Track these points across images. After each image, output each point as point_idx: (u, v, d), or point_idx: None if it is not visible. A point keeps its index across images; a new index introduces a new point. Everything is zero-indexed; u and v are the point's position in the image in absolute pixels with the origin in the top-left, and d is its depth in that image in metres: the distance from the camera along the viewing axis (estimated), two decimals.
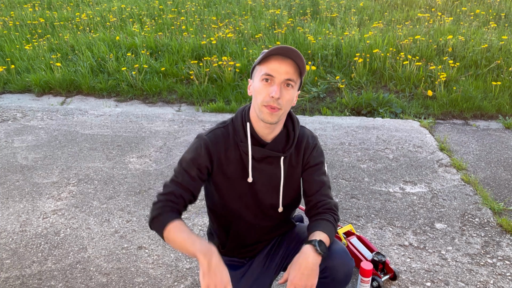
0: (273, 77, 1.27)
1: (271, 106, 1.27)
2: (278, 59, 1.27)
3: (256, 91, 1.31)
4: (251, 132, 1.38)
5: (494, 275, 1.99)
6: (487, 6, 7.27)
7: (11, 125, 3.79)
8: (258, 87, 1.30)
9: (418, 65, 4.65)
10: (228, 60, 4.83)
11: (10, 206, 2.58)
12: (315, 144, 1.47)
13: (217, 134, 1.40)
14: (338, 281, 1.38)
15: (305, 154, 1.45)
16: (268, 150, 1.38)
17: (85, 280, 1.98)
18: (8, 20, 7.32)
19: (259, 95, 1.29)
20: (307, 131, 1.48)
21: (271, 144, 1.39)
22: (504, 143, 3.40)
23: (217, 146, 1.39)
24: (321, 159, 1.48)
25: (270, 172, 1.42)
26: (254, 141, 1.38)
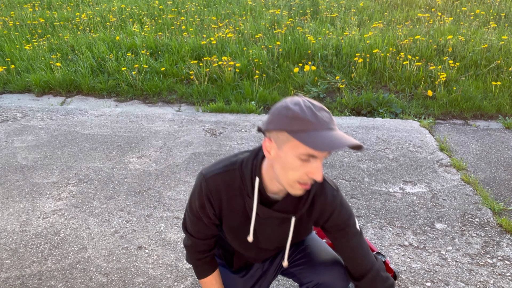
0: (316, 157, 1.05)
1: (307, 183, 1.09)
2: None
3: (289, 167, 1.07)
4: (259, 188, 1.20)
5: (494, 275, 1.99)
6: (487, 6, 7.27)
7: (11, 125, 3.79)
8: (292, 163, 1.06)
9: (418, 65, 4.65)
10: (228, 60, 4.83)
11: (10, 206, 2.58)
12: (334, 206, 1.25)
13: (219, 182, 1.23)
14: None
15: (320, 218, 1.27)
16: (275, 212, 1.22)
17: (85, 280, 1.98)
18: (8, 20, 7.32)
19: (294, 172, 1.07)
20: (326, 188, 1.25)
21: (281, 203, 1.22)
22: (504, 143, 3.40)
23: (217, 196, 1.25)
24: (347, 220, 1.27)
25: (278, 226, 1.29)
26: (262, 198, 1.22)
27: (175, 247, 2.21)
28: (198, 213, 1.30)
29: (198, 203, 1.28)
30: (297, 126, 1.02)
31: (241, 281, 1.51)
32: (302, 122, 1.02)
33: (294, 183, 1.09)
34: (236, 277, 1.51)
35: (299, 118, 1.02)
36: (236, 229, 1.31)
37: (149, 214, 2.49)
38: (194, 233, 1.35)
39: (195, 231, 1.34)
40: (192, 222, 1.33)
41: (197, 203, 1.28)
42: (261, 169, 1.19)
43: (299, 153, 1.04)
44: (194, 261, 1.41)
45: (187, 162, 3.09)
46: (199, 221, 1.31)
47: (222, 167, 1.24)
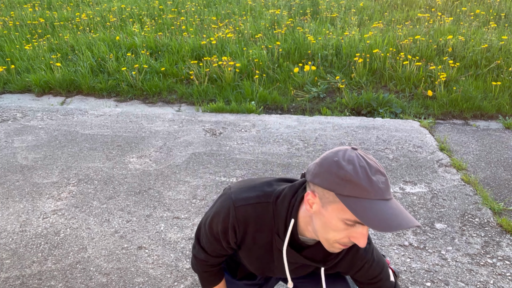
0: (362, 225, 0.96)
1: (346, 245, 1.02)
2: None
3: (330, 227, 0.99)
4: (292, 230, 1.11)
5: (494, 275, 1.99)
6: (487, 6, 7.27)
7: (11, 125, 3.79)
8: (336, 226, 0.97)
9: (418, 65, 4.65)
10: (228, 60, 4.83)
11: (10, 206, 2.58)
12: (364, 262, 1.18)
13: (249, 213, 1.13)
14: None
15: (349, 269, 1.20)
16: (304, 259, 1.14)
17: (85, 280, 1.98)
18: (8, 20, 7.32)
19: (335, 232, 0.99)
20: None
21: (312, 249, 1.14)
22: (504, 143, 3.40)
23: (244, 227, 1.15)
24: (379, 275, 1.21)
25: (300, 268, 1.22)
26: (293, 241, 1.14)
27: (175, 247, 2.21)
28: (218, 236, 1.20)
29: (221, 228, 1.17)
30: (348, 191, 0.92)
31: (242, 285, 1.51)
32: (354, 187, 0.92)
33: (333, 243, 1.01)
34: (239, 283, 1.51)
35: (351, 181, 0.92)
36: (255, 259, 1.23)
37: (149, 214, 2.49)
38: (208, 250, 1.28)
39: (210, 249, 1.27)
40: (209, 242, 1.25)
41: (220, 227, 1.17)
42: (298, 211, 1.09)
43: (346, 218, 0.95)
44: (201, 272, 1.37)
45: (187, 162, 3.09)
46: (217, 243, 1.23)
47: (255, 198, 1.13)
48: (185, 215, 2.48)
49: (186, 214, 2.48)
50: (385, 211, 0.90)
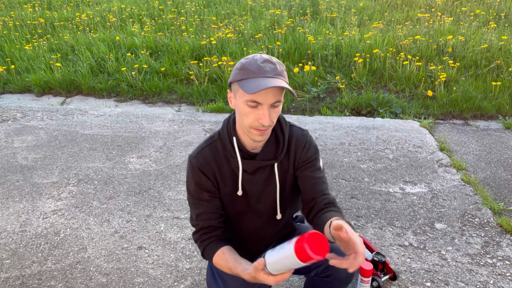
0: (260, 104, 1.18)
1: (260, 129, 1.21)
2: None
3: (242, 113, 1.22)
4: (239, 146, 1.33)
5: (494, 275, 1.99)
6: (487, 6, 7.27)
7: (11, 125, 3.79)
8: (243, 110, 1.20)
9: (418, 65, 4.65)
10: (228, 60, 4.83)
11: (10, 206, 2.58)
12: (305, 141, 1.40)
13: (206, 154, 1.36)
14: (339, 280, 1.38)
15: (296, 154, 1.39)
16: (259, 161, 1.34)
17: (85, 280, 1.98)
18: (8, 20, 7.32)
19: (246, 117, 1.21)
20: (295, 130, 1.41)
21: (261, 153, 1.34)
22: (504, 143, 3.40)
23: (209, 166, 1.35)
24: (314, 156, 1.41)
25: (265, 181, 1.39)
26: (244, 154, 1.34)
27: (175, 247, 2.21)
28: (196, 191, 1.36)
29: (193, 181, 1.35)
30: (241, 76, 1.19)
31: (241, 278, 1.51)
32: (245, 72, 1.18)
33: (249, 128, 1.22)
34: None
35: (243, 68, 1.19)
36: (230, 195, 1.39)
37: (149, 214, 2.49)
38: (198, 218, 1.38)
39: (198, 214, 1.38)
40: (194, 206, 1.38)
41: (193, 181, 1.36)
42: (236, 129, 1.32)
43: (245, 99, 1.18)
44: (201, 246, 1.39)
45: (187, 162, 3.09)
46: (200, 201, 1.36)
47: (204, 143, 1.39)
48: (185, 215, 2.47)
49: (186, 214, 2.48)
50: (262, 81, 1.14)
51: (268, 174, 1.38)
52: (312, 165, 1.40)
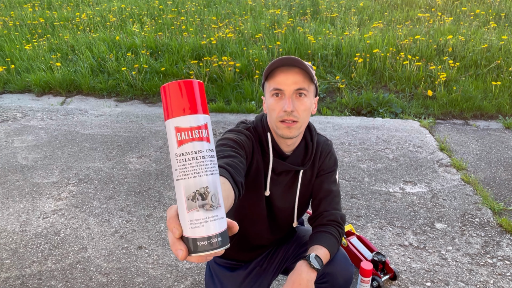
0: (282, 90, 1.20)
1: (287, 120, 1.21)
2: (284, 71, 1.20)
3: (270, 108, 1.24)
4: (273, 144, 1.31)
5: (494, 275, 1.99)
6: (487, 6, 7.26)
7: (11, 125, 3.79)
8: (270, 103, 1.23)
9: (418, 65, 4.65)
10: (228, 60, 4.83)
11: (10, 206, 2.58)
12: (329, 151, 1.41)
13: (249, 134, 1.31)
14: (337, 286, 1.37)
15: (319, 161, 1.40)
16: (288, 164, 1.33)
17: (85, 280, 1.98)
18: (8, 20, 7.32)
19: (273, 111, 1.23)
20: (321, 138, 1.42)
21: (291, 157, 1.34)
22: (504, 143, 3.40)
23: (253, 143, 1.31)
24: (333, 167, 1.41)
25: (287, 185, 1.38)
26: (275, 153, 1.33)
27: None
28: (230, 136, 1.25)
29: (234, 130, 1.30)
30: (265, 72, 1.24)
31: (239, 280, 1.51)
32: (268, 67, 1.22)
33: (277, 123, 1.23)
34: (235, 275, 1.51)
35: (268, 64, 1.22)
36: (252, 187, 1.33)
37: (149, 214, 2.49)
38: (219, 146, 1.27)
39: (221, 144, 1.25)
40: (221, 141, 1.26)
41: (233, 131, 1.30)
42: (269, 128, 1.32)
43: (270, 91, 1.23)
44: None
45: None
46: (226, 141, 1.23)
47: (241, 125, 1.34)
48: None
49: None
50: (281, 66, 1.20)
51: (290, 179, 1.37)
52: (329, 176, 1.40)
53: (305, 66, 1.19)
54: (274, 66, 1.20)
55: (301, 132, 1.28)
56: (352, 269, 1.38)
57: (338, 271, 1.35)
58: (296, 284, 1.20)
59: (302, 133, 1.32)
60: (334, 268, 1.34)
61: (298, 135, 1.28)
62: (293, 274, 1.23)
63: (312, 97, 1.26)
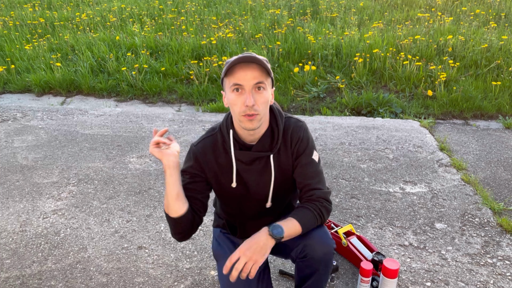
0: (241, 85, 1.29)
1: (248, 114, 1.30)
2: (242, 67, 1.28)
3: (231, 103, 1.33)
4: (236, 138, 1.42)
5: (494, 275, 1.99)
6: (487, 6, 7.26)
7: (11, 125, 3.79)
8: (231, 98, 1.32)
9: (418, 65, 4.65)
10: None
11: (10, 206, 2.58)
12: (300, 132, 1.46)
13: (206, 144, 1.46)
14: (317, 259, 1.43)
15: (291, 145, 1.45)
16: (254, 152, 1.42)
17: (85, 280, 1.98)
18: (8, 20, 7.32)
19: (235, 106, 1.31)
20: (292, 121, 1.48)
21: (257, 145, 1.42)
22: (504, 143, 3.40)
23: (206, 156, 1.45)
24: (307, 147, 1.46)
25: (261, 171, 1.46)
26: (241, 146, 1.43)
27: (175, 247, 2.21)
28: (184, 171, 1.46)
29: (183, 167, 1.47)
30: (224, 68, 1.30)
31: None
32: (228, 64, 1.29)
33: (240, 117, 1.32)
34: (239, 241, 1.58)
35: (227, 62, 1.30)
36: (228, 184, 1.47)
37: (149, 214, 2.49)
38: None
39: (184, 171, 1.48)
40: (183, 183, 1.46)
41: (185, 165, 1.48)
42: (233, 124, 1.42)
43: (230, 87, 1.31)
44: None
45: None
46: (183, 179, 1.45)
47: (206, 133, 1.49)
48: None
49: None
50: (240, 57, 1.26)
51: (263, 165, 1.45)
52: (305, 157, 1.46)
53: (262, 61, 1.28)
54: (233, 63, 1.27)
55: (262, 122, 1.37)
56: (331, 243, 1.44)
57: (316, 242, 1.41)
58: (253, 242, 1.30)
59: (265, 123, 1.40)
60: (312, 239, 1.41)
61: (260, 126, 1.37)
62: (253, 236, 1.33)
63: (269, 89, 1.36)
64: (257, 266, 1.28)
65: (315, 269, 1.46)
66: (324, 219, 1.45)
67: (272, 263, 2.07)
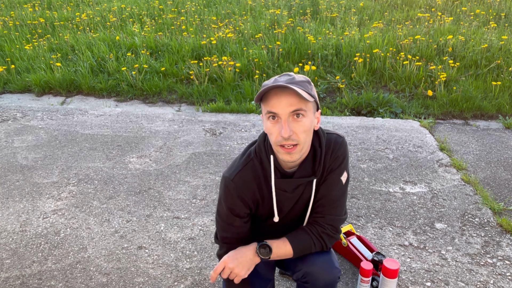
0: (277, 113, 1.15)
1: (286, 145, 1.17)
2: (277, 93, 1.14)
3: (267, 131, 1.20)
4: (276, 165, 1.28)
5: (494, 275, 1.99)
6: (487, 6, 7.26)
7: (11, 125, 3.79)
8: (268, 127, 1.19)
9: (418, 65, 4.65)
10: (228, 60, 4.83)
11: (10, 206, 2.58)
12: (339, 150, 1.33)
13: (245, 176, 1.30)
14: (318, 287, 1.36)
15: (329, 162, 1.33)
16: (297, 179, 1.29)
17: (85, 280, 1.98)
18: (8, 20, 7.32)
19: (271, 135, 1.19)
20: (332, 137, 1.34)
21: (300, 170, 1.29)
22: (504, 143, 3.40)
23: (248, 190, 1.31)
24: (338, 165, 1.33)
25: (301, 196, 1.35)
26: (280, 174, 1.30)
27: (175, 247, 2.21)
28: (228, 216, 1.34)
29: (226, 206, 1.32)
30: (260, 94, 1.16)
31: None
32: (262, 89, 1.15)
33: (277, 147, 1.19)
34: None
35: (262, 87, 1.17)
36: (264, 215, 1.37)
37: (149, 214, 2.49)
38: (223, 240, 1.39)
39: (225, 237, 1.38)
40: (222, 228, 1.37)
41: (225, 205, 1.32)
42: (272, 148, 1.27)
43: (265, 113, 1.19)
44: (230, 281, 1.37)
45: (187, 162, 3.09)
46: (230, 226, 1.35)
47: (242, 163, 1.31)
48: (185, 215, 2.48)
49: (186, 214, 2.48)
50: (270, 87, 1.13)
51: (305, 190, 1.34)
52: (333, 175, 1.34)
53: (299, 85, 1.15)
54: (267, 89, 1.13)
55: (304, 153, 1.24)
56: (335, 272, 1.35)
57: (318, 271, 1.34)
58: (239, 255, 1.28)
59: (307, 151, 1.27)
60: (314, 268, 1.34)
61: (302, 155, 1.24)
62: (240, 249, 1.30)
63: (311, 115, 1.20)
64: (239, 278, 1.27)
65: None
66: (326, 246, 1.37)
67: None
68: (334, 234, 1.37)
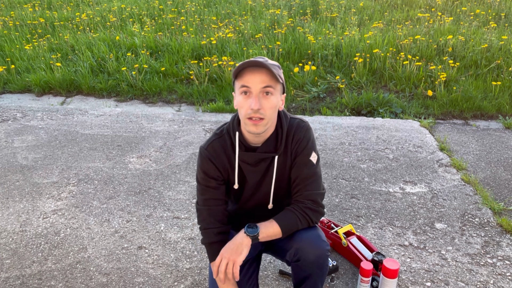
0: (249, 88, 1.30)
1: (254, 117, 1.31)
2: (251, 70, 1.29)
3: (238, 105, 1.35)
4: (241, 140, 1.44)
5: (494, 275, 1.99)
6: (487, 6, 7.27)
7: (11, 125, 3.79)
8: (239, 101, 1.34)
9: (418, 65, 4.65)
10: (228, 60, 4.83)
11: (10, 206, 2.58)
12: (301, 133, 1.45)
13: (215, 146, 1.47)
14: (310, 262, 1.42)
15: (292, 144, 1.46)
16: (259, 153, 1.43)
17: (85, 280, 1.99)
18: (8, 20, 7.32)
19: (241, 108, 1.34)
20: (295, 121, 1.48)
21: (262, 146, 1.44)
22: (504, 143, 3.40)
23: (219, 159, 1.47)
24: (306, 148, 1.45)
25: (264, 172, 1.48)
26: (245, 148, 1.45)
27: (175, 247, 2.21)
28: (204, 179, 1.48)
29: (201, 170, 1.47)
30: (236, 71, 1.32)
31: None
32: (238, 66, 1.30)
33: (245, 120, 1.33)
34: None
35: (238, 65, 1.30)
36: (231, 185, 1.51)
37: (149, 214, 2.49)
38: (204, 203, 1.50)
39: (204, 199, 1.50)
40: (201, 192, 1.50)
41: (201, 170, 1.48)
42: (240, 126, 1.43)
43: (238, 88, 1.33)
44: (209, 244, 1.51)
45: (187, 162, 3.09)
46: (207, 188, 1.48)
47: (214, 135, 1.50)
48: (185, 215, 2.48)
49: (186, 214, 2.48)
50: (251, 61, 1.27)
51: (267, 166, 1.47)
52: (303, 157, 1.45)
53: (272, 66, 1.29)
54: (243, 65, 1.29)
55: (268, 127, 1.38)
56: (323, 245, 1.43)
57: (307, 246, 1.41)
58: (229, 245, 1.37)
59: (271, 127, 1.41)
60: (303, 243, 1.41)
61: (266, 130, 1.38)
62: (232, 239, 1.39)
63: (278, 95, 1.36)
64: (237, 265, 1.33)
65: (310, 273, 1.46)
66: (312, 220, 1.45)
67: (272, 263, 2.07)
68: (317, 208, 1.45)
